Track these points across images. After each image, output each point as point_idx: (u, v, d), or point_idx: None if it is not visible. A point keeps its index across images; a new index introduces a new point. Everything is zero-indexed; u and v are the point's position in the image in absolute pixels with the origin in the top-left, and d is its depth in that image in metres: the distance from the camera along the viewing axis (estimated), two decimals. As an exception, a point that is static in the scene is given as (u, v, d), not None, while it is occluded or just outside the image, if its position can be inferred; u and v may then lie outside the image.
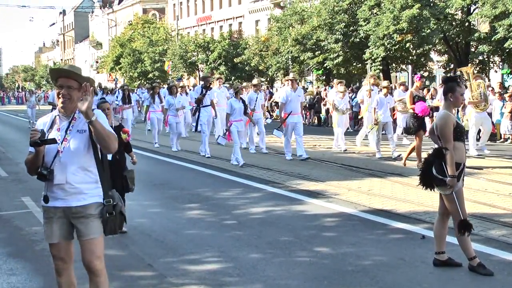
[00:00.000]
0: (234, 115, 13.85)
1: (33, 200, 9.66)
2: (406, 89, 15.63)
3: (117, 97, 24.32)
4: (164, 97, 18.34)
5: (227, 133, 13.93)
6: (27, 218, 8.62)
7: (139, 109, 29.47)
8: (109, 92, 25.24)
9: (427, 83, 29.74)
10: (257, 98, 15.85)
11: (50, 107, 21.09)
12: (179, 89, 18.48)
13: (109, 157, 6.71)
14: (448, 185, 5.70)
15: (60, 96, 4.28)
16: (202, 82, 18.03)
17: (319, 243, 7.06)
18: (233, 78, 39.71)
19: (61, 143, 4.22)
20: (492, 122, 16.94)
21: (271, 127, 16.62)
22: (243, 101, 14.19)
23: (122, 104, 20.54)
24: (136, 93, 30.52)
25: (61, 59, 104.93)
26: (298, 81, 15.04)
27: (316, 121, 27.67)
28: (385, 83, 15.35)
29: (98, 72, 74.89)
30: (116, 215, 4.29)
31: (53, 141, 4.16)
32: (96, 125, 4.12)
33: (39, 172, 4.23)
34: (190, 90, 23.77)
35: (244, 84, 20.38)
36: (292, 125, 14.16)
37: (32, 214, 8.71)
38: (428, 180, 5.98)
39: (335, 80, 19.34)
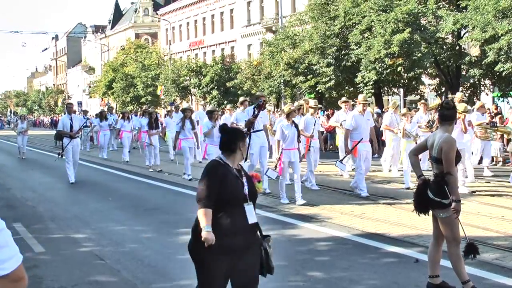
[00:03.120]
0: (286, 142, 11.69)
1: (24, 226, 9.63)
2: (485, 112, 14.40)
3: (133, 122, 23.83)
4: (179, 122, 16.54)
5: (279, 164, 11.78)
6: (18, 244, 8.47)
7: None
8: (129, 117, 23.72)
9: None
10: (315, 122, 13.73)
11: (43, 132, 20.43)
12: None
13: (253, 218, 4.86)
14: (453, 210, 5.65)
15: None
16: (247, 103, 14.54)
17: (312, 267, 7.03)
18: (225, 102, 39.81)
19: None
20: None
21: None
22: (296, 126, 11.92)
23: (149, 129, 18.81)
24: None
25: (54, 84, 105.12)
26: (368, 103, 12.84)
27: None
28: (462, 106, 12.30)
29: (90, 97, 75.04)
30: None
31: None
32: None
33: None
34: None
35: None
36: (365, 153, 12.42)
37: (24, 241, 8.60)
38: (423, 204, 5.95)
39: (394, 102, 16.67)
